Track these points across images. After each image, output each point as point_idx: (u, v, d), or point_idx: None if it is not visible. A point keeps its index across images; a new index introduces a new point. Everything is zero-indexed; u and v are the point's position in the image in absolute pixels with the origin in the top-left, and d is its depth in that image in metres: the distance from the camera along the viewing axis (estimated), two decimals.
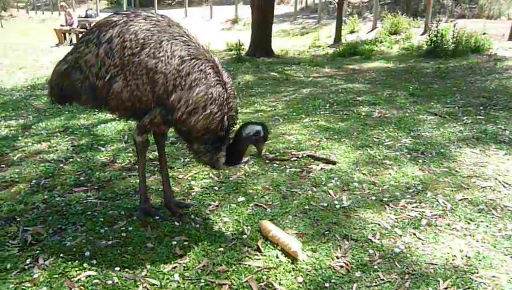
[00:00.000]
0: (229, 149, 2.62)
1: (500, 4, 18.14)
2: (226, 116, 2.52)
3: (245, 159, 3.40)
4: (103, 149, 4.17)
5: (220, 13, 26.49)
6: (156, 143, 2.96)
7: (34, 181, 3.42)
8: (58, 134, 4.65)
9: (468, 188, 3.33)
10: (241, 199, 3.12)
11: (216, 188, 3.31)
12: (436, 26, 10.53)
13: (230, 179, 3.46)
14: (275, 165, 3.79)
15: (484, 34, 11.52)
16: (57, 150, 4.15)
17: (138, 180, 2.96)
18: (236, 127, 2.67)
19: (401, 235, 2.68)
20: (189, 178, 3.50)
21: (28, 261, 2.37)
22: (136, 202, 3.03)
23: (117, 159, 3.91)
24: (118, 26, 2.44)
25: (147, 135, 2.69)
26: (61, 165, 3.79)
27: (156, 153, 3.98)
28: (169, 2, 37.84)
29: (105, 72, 2.42)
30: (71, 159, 3.91)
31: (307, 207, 3.00)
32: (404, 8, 18.35)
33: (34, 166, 3.73)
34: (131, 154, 3.99)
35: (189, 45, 2.45)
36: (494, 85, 7.04)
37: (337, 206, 3.02)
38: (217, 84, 2.45)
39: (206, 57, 2.48)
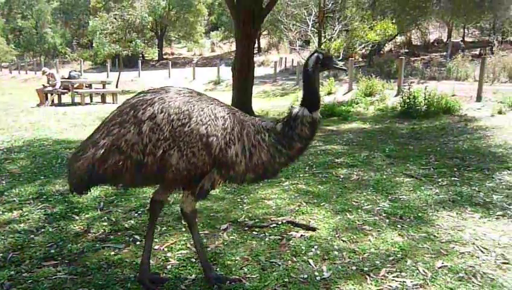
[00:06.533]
0: (305, 99, 2.71)
1: (467, 67, 19.30)
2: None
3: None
4: (77, 218, 4.05)
5: (202, 74, 27.35)
6: (154, 211, 2.91)
7: (1, 255, 3.25)
8: (31, 201, 4.51)
9: (447, 255, 3.32)
10: (218, 271, 3.02)
11: (193, 259, 3.20)
12: (409, 88, 11.05)
13: (209, 249, 3.37)
14: (254, 232, 3.73)
15: (453, 95, 12.13)
16: (28, 219, 4.00)
17: (197, 253, 3.01)
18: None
19: None
20: (165, 249, 3.39)
21: None
22: (109, 277, 2.90)
23: (91, 229, 3.79)
24: (156, 103, 2.54)
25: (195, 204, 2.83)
26: (32, 236, 3.64)
27: (132, 222, 3.92)
28: (153, 63, 38.97)
29: (153, 147, 2.46)
30: (43, 229, 3.77)
31: (287, 280, 2.92)
32: (377, 71, 19.30)
33: (3, 237, 3.57)
34: (106, 223, 3.88)
35: (222, 106, 2.71)
36: (467, 145, 7.30)
37: (318, 278, 2.94)
38: (250, 122, 2.71)
39: (234, 111, 2.75)
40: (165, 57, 40.78)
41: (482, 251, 3.38)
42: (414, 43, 31.09)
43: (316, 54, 2.70)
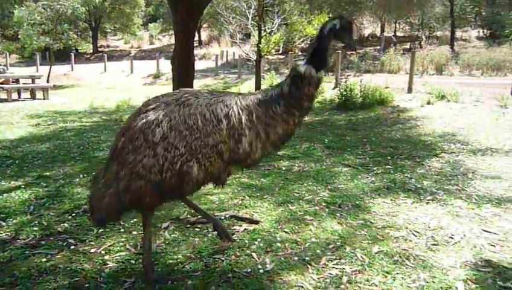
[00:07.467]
0: (313, 56, 2.65)
1: (399, 60, 20.42)
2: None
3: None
4: (3, 224, 3.74)
5: (141, 68, 26.45)
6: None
7: None
8: None
9: (383, 240, 3.49)
10: (159, 271, 2.94)
11: (133, 261, 3.08)
12: (345, 81, 11.46)
13: None
14: (196, 229, 3.68)
15: (387, 87, 12.76)
16: None
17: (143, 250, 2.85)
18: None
19: None
20: (103, 252, 3.23)
21: None
22: (40, 285, 2.71)
23: (20, 235, 3.51)
24: (163, 122, 2.53)
25: None
26: None
27: (66, 225, 3.71)
28: (88, 56, 37.06)
29: (170, 164, 2.49)
30: None
31: (230, 275, 2.90)
32: None
33: None
34: (36, 228, 3.62)
35: (221, 100, 2.64)
36: (399, 135, 7.72)
37: (261, 271, 2.96)
38: (256, 102, 2.69)
39: (236, 99, 2.68)
40: (100, 49, 38.88)
41: (414, 235, 3.59)
42: None
43: (334, 22, 2.65)
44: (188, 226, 3.73)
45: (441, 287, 2.79)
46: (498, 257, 3.20)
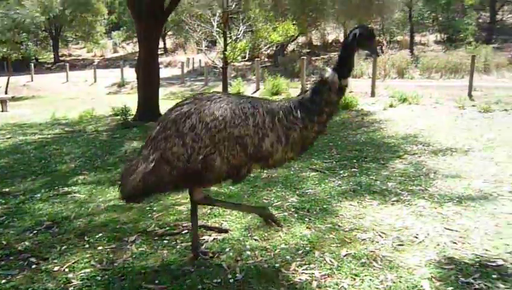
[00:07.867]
0: (339, 64, 2.83)
1: (361, 65, 20.97)
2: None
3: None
4: None
5: (105, 76, 25.90)
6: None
7: None
8: None
9: (350, 242, 3.54)
10: (127, 287, 2.86)
11: (98, 278, 2.99)
12: None
13: (115, 264, 3.18)
14: (165, 241, 3.61)
15: (351, 92, 13.06)
16: None
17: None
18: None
19: None
20: (67, 269, 3.11)
21: None
22: None
23: None
24: (193, 114, 2.78)
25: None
26: None
27: (27, 243, 3.56)
28: (49, 66, 35.90)
29: (197, 154, 2.71)
30: None
31: (200, 286, 2.86)
32: (282, 70, 20.06)
33: None
34: (4, 242, 3.45)
35: (250, 101, 2.88)
36: (364, 138, 7.90)
37: (231, 281, 2.94)
38: (278, 108, 2.89)
39: (262, 103, 2.91)
40: (61, 58, 37.78)
41: (380, 236, 3.67)
42: (314, 43, 32.88)
43: (354, 31, 2.78)
44: (156, 238, 3.66)
45: (408, 287, 2.86)
46: (460, 254, 3.32)
